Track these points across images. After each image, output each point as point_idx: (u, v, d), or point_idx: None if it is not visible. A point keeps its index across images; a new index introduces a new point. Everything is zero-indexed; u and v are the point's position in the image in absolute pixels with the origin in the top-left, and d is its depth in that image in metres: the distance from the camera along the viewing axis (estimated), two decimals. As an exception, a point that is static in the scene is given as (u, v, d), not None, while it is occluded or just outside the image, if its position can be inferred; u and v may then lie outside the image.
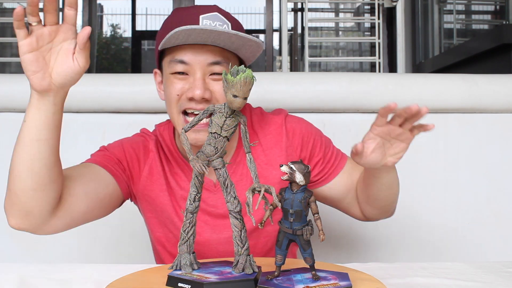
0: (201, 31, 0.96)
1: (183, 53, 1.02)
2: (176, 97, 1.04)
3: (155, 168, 1.12)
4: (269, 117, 1.16)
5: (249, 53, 1.06)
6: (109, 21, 11.17)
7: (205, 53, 1.02)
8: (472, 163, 1.61)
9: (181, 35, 0.97)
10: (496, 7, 3.73)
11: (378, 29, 3.96)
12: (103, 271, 0.92)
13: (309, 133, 1.15)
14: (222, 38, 0.99)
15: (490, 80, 1.61)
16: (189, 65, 1.02)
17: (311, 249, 0.76)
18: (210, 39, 0.99)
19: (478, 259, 1.58)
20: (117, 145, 1.13)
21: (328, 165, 1.14)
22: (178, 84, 1.03)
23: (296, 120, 1.16)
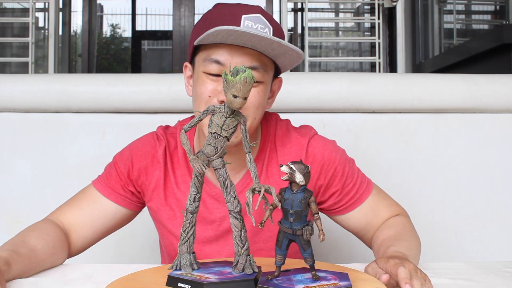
0: (242, 33, 0.91)
1: (220, 53, 0.97)
2: (207, 98, 0.98)
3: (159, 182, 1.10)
4: (293, 136, 1.10)
5: (288, 62, 1.01)
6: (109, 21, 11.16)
7: (243, 55, 0.96)
8: (472, 163, 1.61)
9: (220, 34, 0.92)
10: (496, 7, 3.72)
11: (378, 29, 3.96)
12: (103, 271, 0.92)
13: (331, 161, 1.08)
14: (263, 43, 0.93)
15: (490, 80, 1.61)
16: (225, 66, 0.96)
17: (311, 249, 0.76)
18: (250, 42, 0.93)
19: (478, 259, 1.58)
20: (126, 158, 1.11)
21: (345, 199, 1.09)
22: (210, 85, 0.98)
23: (321, 145, 1.09)
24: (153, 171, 1.10)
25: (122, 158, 1.12)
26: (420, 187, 1.61)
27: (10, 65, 4.28)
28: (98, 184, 1.11)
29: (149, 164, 1.10)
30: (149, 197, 1.11)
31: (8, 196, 1.58)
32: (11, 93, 1.55)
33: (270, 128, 1.11)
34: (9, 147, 1.59)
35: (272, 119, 1.13)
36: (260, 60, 0.97)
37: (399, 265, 0.80)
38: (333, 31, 5.86)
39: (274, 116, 1.15)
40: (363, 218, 1.10)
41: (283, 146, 1.09)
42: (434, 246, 1.60)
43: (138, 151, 1.11)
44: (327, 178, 1.08)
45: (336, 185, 1.08)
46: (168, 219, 1.10)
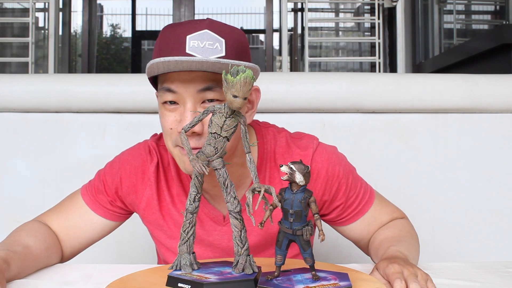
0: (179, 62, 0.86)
1: (171, 81, 0.91)
2: (169, 130, 0.94)
3: (151, 201, 1.06)
4: (295, 152, 1.05)
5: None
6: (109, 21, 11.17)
7: (194, 79, 0.90)
8: (472, 163, 1.61)
9: (160, 66, 0.87)
10: (496, 7, 3.72)
11: (378, 29, 3.96)
12: (103, 271, 0.92)
13: (335, 175, 1.05)
14: (205, 66, 0.86)
15: (490, 80, 1.61)
16: (178, 94, 0.91)
17: (311, 249, 0.76)
18: (194, 66, 0.86)
19: (478, 259, 1.58)
20: (115, 174, 1.08)
21: (347, 211, 1.08)
22: (170, 116, 0.93)
23: (324, 158, 1.05)
24: (143, 189, 1.06)
25: (112, 172, 1.08)
26: (420, 187, 1.61)
27: (10, 65, 4.28)
28: (87, 197, 1.09)
29: (139, 181, 1.06)
30: (142, 214, 1.09)
31: (8, 196, 1.58)
32: (11, 93, 1.55)
33: (267, 145, 1.06)
34: (9, 147, 1.59)
35: (269, 133, 1.07)
36: (214, 78, 0.89)
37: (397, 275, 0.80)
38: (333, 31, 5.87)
39: (270, 130, 1.08)
40: (365, 228, 1.10)
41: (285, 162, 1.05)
42: (434, 246, 1.60)
43: (128, 165, 1.08)
44: (331, 193, 1.06)
45: (340, 198, 1.07)
46: (167, 238, 1.08)
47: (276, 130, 1.09)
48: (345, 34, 5.85)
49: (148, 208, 1.07)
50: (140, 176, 1.06)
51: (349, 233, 1.12)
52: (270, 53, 5.03)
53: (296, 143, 1.07)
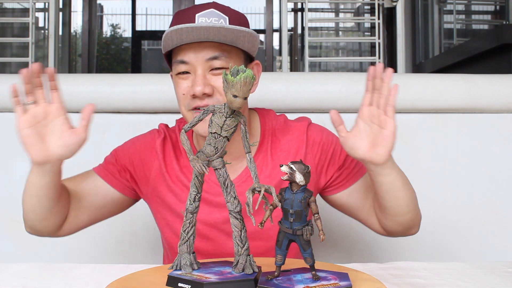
0: (190, 29, 0.99)
1: (183, 53, 1.05)
2: (182, 96, 1.07)
3: (161, 169, 1.15)
4: (291, 124, 1.18)
5: (247, 44, 1.07)
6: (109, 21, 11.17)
7: (203, 49, 1.04)
8: (472, 163, 1.61)
9: (173, 36, 1.01)
10: (496, 7, 3.72)
11: (378, 29, 3.96)
12: (103, 271, 0.92)
13: (330, 142, 1.16)
14: (212, 33, 1.01)
15: (490, 80, 1.61)
16: (190, 64, 1.05)
17: (311, 249, 0.76)
18: (203, 36, 1.01)
19: (478, 259, 1.58)
20: (126, 149, 1.18)
21: (347, 171, 1.15)
22: (183, 84, 1.07)
23: (318, 129, 1.18)
24: (151, 162, 1.16)
25: (123, 148, 1.19)
26: (420, 187, 1.60)
27: (10, 65, 4.28)
28: (97, 168, 1.18)
29: (147, 155, 1.16)
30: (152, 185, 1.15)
31: (8, 196, 1.58)
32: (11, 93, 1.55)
33: (268, 123, 1.18)
34: (9, 147, 1.59)
35: (270, 115, 1.20)
36: (221, 49, 1.05)
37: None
38: (333, 31, 5.86)
39: (271, 112, 1.22)
40: (365, 190, 1.14)
41: (284, 135, 1.16)
42: (434, 246, 1.60)
43: (138, 142, 1.19)
44: (328, 157, 1.15)
45: (338, 161, 1.15)
46: (175, 203, 1.13)
47: (275, 114, 1.23)
48: (345, 34, 5.85)
49: (158, 178, 1.14)
50: (149, 151, 1.17)
51: (353, 196, 1.15)
52: (270, 53, 5.02)
53: (293, 120, 1.21)
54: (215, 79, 1.05)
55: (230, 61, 1.06)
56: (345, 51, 5.78)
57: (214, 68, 1.05)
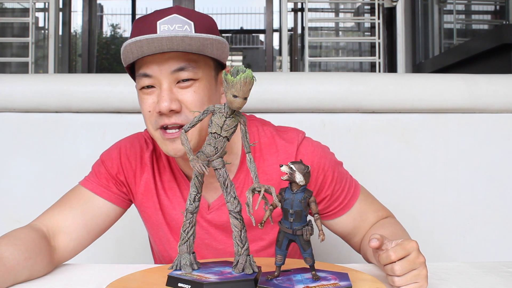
0: (151, 40, 0.90)
1: (146, 66, 0.96)
2: (148, 114, 0.98)
3: (149, 185, 1.08)
4: (279, 144, 1.07)
5: (216, 51, 0.97)
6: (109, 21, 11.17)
7: (167, 61, 0.94)
8: (472, 163, 1.61)
9: (133, 49, 0.92)
10: (496, 7, 3.72)
11: (378, 29, 3.96)
12: (103, 271, 0.92)
13: (320, 167, 1.06)
14: (176, 43, 0.90)
15: (490, 80, 1.61)
16: (154, 77, 0.96)
17: (311, 249, 0.76)
18: (165, 46, 0.91)
19: (478, 259, 1.58)
20: (115, 156, 1.10)
21: (334, 204, 1.08)
22: (148, 100, 0.98)
23: (310, 151, 1.07)
24: (141, 173, 1.09)
25: (111, 158, 1.10)
26: (420, 187, 1.61)
27: (10, 65, 4.28)
28: (88, 183, 1.09)
29: (138, 166, 1.09)
30: (140, 200, 1.10)
31: (8, 196, 1.58)
32: (11, 93, 1.55)
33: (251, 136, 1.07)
34: (9, 147, 1.59)
35: (252, 125, 1.09)
36: (187, 58, 0.95)
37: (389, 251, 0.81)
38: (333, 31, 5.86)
39: (254, 122, 1.11)
40: (350, 223, 1.10)
41: (270, 155, 1.06)
42: (434, 246, 1.60)
43: (127, 151, 1.11)
44: (317, 185, 1.07)
45: (326, 191, 1.07)
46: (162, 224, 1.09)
47: (260, 123, 1.11)
48: (345, 34, 5.85)
49: (146, 192, 1.09)
50: (139, 162, 1.09)
51: (335, 227, 1.12)
52: (270, 53, 5.02)
53: (282, 136, 1.08)
54: (183, 93, 0.95)
55: (198, 71, 0.96)
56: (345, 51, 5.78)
57: (181, 80, 0.95)
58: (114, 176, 1.09)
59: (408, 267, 0.80)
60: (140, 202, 1.10)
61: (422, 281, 0.80)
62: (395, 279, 0.79)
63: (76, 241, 1.05)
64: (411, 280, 0.79)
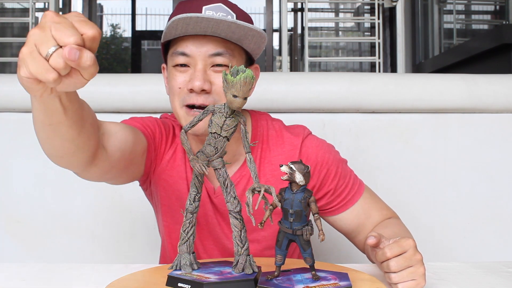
0: (200, 20, 0.93)
1: (185, 45, 1.00)
2: (178, 90, 1.01)
3: (178, 154, 1.09)
4: (286, 136, 1.11)
5: (253, 44, 1.02)
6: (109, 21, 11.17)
7: (207, 44, 0.99)
8: (472, 163, 1.61)
9: (179, 25, 0.95)
10: (496, 7, 3.72)
11: (378, 29, 3.96)
12: (103, 271, 0.92)
13: (324, 161, 1.08)
14: (221, 27, 0.95)
15: (490, 80, 1.61)
16: (190, 56, 1.00)
17: (311, 249, 0.76)
18: (209, 28, 0.96)
19: (478, 259, 1.58)
20: (153, 121, 1.10)
21: (337, 199, 1.09)
22: (180, 77, 1.01)
23: (314, 145, 1.10)
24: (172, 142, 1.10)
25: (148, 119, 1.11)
26: (420, 187, 1.61)
27: (10, 65, 4.28)
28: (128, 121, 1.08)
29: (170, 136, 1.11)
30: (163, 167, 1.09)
31: (8, 196, 1.58)
32: (11, 93, 1.55)
33: (260, 129, 1.11)
34: (9, 147, 1.59)
35: (262, 119, 1.14)
36: (225, 46, 1.00)
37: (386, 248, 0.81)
38: (333, 31, 5.86)
39: (264, 116, 1.15)
40: (354, 220, 1.10)
41: (276, 146, 1.09)
42: (434, 246, 1.60)
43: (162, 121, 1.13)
44: (320, 178, 1.08)
45: (329, 185, 1.08)
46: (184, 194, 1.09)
47: (270, 118, 1.16)
48: (345, 34, 5.85)
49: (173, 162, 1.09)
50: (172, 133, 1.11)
51: (339, 223, 1.12)
52: (270, 53, 5.02)
53: (289, 130, 1.13)
54: (215, 76, 1.00)
55: (232, 60, 1.01)
56: (345, 51, 5.78)
57: (216, 64, 1.00)
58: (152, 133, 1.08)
59: (404, 264, 0.80)
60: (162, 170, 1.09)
61: (420, 278, 0.80)
62: (391, 276, 0.79)
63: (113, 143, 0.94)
64: (408, 277, 0.79)
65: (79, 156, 0.84)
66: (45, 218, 1.57)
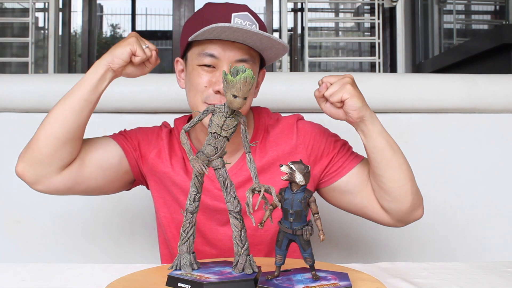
0: (236, 29, 1.00)
1: (213, 47, 1.06)
2: (203, 88, 1.07)
3: (163, 152, 1.16)
4: (282, 119, 1.21)
5: (274, 55, 1.10)
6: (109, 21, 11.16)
7: (234, 49, 1.06)
8: (472, 163, 1.61)
9: (215, 31, 1.01)
10: (496, 7, 3.72)
11: (378, 29, 3.96)
12: (103, 271, 0.92)
13: (322, 133, 1.18)
14: (253, 38, 1.03)
15: (490, 80, 1.61)
16: (218, 59, 1.06)
17: (311, 249, 0.76)
18: (241, 37, 1.03)
19: (478, 259, 1.58)
20: (134, 129, 1.21)
21: (343, 158, 1.16)
22: (206, 76, 1.07)
23: (309, 123, 1.20)
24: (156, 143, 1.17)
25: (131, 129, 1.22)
26: (420, 187, 1.60)
27: (10, 65, 4.28)
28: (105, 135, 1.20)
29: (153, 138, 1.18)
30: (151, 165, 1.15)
31: (8, 196, 1.58)
32: (11, 93, 1.55)
33: (261, 120, 1.20)
34: (9, 147, 1.59)
35: (263, 112, 1.22)
36: (249, 53, 1.08)
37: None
38: (333, 31, 5.86)
39: (265, 110, 1.24)
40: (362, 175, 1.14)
41: (273, 127, 1.18)
42: (434, 246, 1.60)
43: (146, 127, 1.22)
44: (321, 147, 1.15)
45: (333, 150, 1.16)
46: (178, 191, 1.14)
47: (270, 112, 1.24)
48: (345, 34, 5.85)
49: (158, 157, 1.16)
50: (155, 136, 1.19)
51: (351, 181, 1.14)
52: (270, 53, 5.01)
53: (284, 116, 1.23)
54: None
55: (254, 66, 1.09)
56: (345, 51, 5.78)
57: None
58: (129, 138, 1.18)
59: (334, 79, 1.01)
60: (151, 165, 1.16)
61: (348, 86, 0.99)
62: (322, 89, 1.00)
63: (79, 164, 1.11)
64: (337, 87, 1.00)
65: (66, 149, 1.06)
66: (45, 218, 1.57)
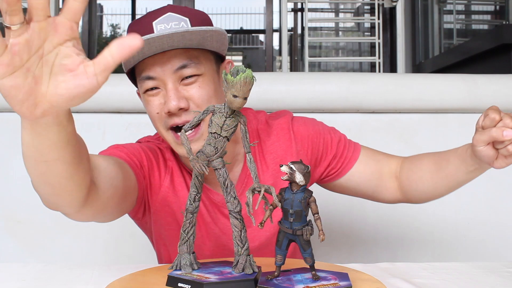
0: (151, 40, 0.90)
1: (148, 68, 0.96)
2: (157, 115, 0.98)
3: (177, 179, 1.06)
4: (274, 124, 1.12)
5: (215, 44, 0.98)
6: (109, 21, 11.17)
7: (169, 60, 0.95)
8: (472, 163, 1.61)
9: (140, 51, 0.91)
10: (496, 7, 3.73)
11: (378, 29, 3.96)
12: (103, 271, 0.92)
13: (318, 133, 1.12)
14: (176, 39, 0.91)
15: (490, 80, 1.61)
16: (158, 78, 0.96)
17: (311, 249, 0.76)
18: (166, 44, 0.92)
19: (478, 259, 1.58)
20: (137, 148, 1.05)
21: (341, 159, 1.13)
22: (154, 101, 0.98)
23: (302, 122, 1.13)
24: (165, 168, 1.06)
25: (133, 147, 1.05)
26: (420, 187, 1.61)
27: (10, 65, 4.27)
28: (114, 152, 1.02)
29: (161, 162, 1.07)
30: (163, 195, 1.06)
31: (8, 196, 1.58)
32: (11, 93, 1.55)
33: (250, 125, 1.10)
34: (9, 147, 1.59)
35: (249, 115, 1.13)
36: (188, 55, 0.96)
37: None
38: (333, 31, 5.87)
39: (249, 112, 1.15)
40: (366, 169, 1.13)
41: (269, 136, 1.11)
42: (434, 246, 1.60)
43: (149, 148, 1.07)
44: (320, 150, 1.12)
45: (331, 151, 1.12)
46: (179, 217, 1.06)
47: (254, 112, 1.16)
48: (345, 34, 5.86)
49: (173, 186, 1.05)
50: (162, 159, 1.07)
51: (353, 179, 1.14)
52: (270, 53, 5.02)
53: (274, 118, 1.15)
54: (188, 89, 0.96)
55: (200, 67, 0.97)
56: (345, 51, 5.79)
57: (185, 77, 0.96)
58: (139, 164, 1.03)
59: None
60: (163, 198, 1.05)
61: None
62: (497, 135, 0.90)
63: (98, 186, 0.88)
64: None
65: (75, 194, 0.78)
66: (45, 218, 1.57)
